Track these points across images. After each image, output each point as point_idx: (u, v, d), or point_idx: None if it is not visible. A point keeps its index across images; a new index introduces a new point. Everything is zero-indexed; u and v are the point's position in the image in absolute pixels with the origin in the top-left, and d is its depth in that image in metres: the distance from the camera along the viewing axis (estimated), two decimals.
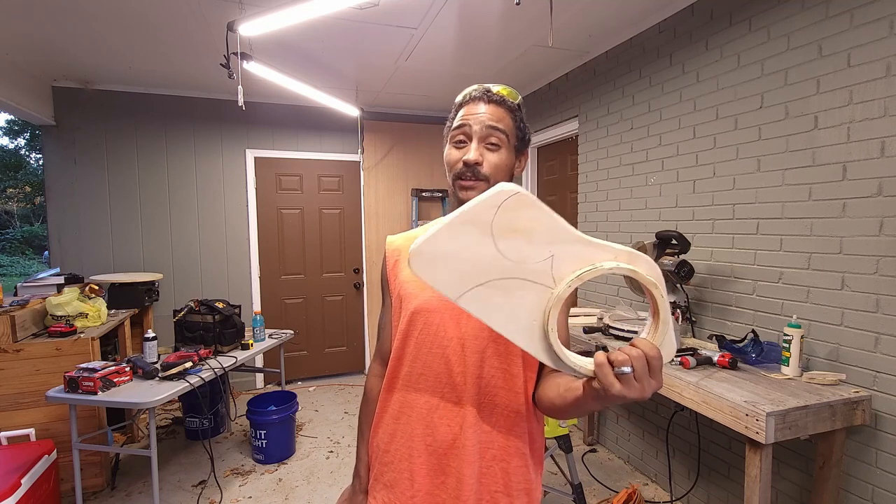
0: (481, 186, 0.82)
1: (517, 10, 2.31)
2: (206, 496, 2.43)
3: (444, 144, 0.89)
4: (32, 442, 2.19)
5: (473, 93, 0.85)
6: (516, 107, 0.86)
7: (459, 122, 0.84)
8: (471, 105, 0.84)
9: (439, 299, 0.84)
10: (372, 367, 1.02)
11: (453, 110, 0.89)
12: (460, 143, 0.84)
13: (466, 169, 0.82)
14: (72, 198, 3.46)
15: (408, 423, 0.85)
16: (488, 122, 0.82)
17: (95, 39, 2.67)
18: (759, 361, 1.78)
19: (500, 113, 0.83)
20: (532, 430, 0.86)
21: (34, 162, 13.59)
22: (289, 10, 1.87)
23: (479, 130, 0.82)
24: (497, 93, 0.85)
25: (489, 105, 0.83)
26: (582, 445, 2.97)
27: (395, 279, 0.93)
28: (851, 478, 1.63)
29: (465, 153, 0.82)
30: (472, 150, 0.82)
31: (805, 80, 1.74)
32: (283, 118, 3.96)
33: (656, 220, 2.46)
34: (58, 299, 2.49)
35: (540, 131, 3.59)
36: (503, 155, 0.84)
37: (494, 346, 0.82)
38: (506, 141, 0.84)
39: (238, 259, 3.90)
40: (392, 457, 0.87)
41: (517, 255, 0.57)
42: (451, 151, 0.85)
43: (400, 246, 0.96)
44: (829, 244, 1.69)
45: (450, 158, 0.85)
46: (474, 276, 0.58)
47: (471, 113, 0.83)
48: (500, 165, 0.83)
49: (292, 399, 2.89)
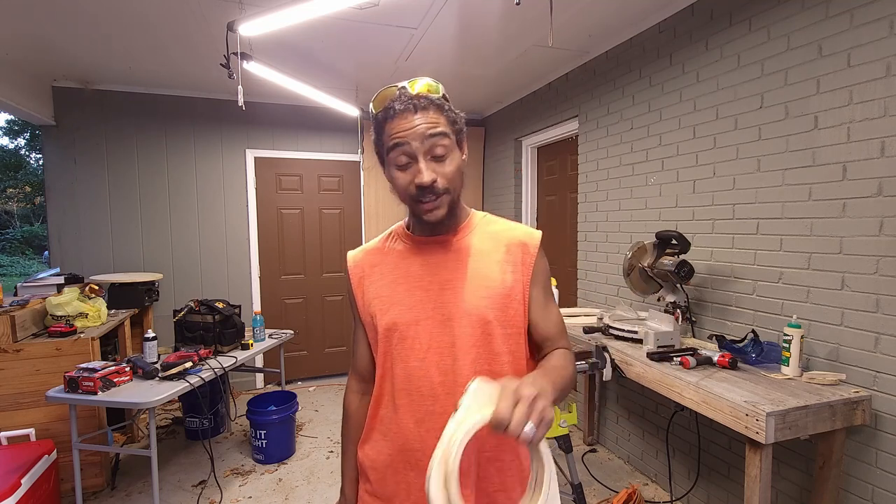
0: (444, 200, 0.79)
1: (517, 10, 2.31)
2: (206, 496, 2.43)
3: (383, 164, 0.81)
4: (32, 442, 2.19)
5: (397, 105, 0.76)
6: (442, 100, 0.80)
7: (395, 142, 0.76)
8: (399, 120, 0.76)
9: (411, 311, 0.83)
10: (349, 383, 1.00)
11: (375, 123, 0.80)
12: (405, 165, 0.77)
13: (424, 191, 0.76)
14: (72, 198, 3.46)
15: (395, 439, 0.84)
16: (428, 133, 0.75)
17: (96, 39, 2.67)
18: (759, 361, 1.78)
19: (433, 116, 0.76)
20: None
21: (34, 162, 13.59)
22: (289, 10, 1.87)
23: (421, 146, 0.75)
24: (421, 94, 0.77)
25: (419, 113, 0.75)
26: (582, 445, 2.97)
27: (362, 297, 0.90)
28: (851, 478, 1.63)
29: (416, 175, 0.76)
30: (423, 171, 0.75)
31: (805, 80, 1.74)
32: (283, 118, 3.96)
33: (656, 220, 2.46)
34: (58, 299, 2.49)
35: (540, 131, 3.59)
36: (453, 159, 0.79)
37: (476, 350, 0.81)
38: (450, 144, 0.78)
39: (238, 259, 3.90)
40: (383, 473, 0.86)
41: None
42: (398, 175, 0.78)
43: (363, 262, 0.92)
44: (829, 244, 1.69)
45: (399, 183, 0.78)
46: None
47: (403, 129, 0.75)
48: (454, 173, 0.79)
49: (292, 399, 2.89)
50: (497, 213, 3.69)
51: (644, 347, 2.01)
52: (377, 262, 0.91)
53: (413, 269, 0.86)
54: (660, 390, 1.79)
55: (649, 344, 1.98)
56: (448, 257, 0.85)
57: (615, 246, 2.78)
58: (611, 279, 2.83)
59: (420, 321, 0.82)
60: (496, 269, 0.84)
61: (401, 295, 0.85)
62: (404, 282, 0.86)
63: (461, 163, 0.82)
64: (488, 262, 0.85)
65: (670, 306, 2.17)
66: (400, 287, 0.86)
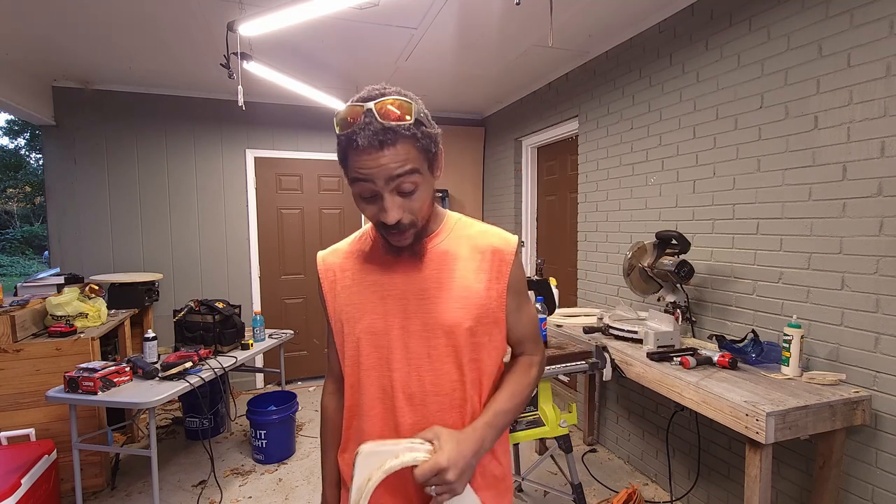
0: (411, 234, 0.76)
1: (517, 10, 2.31)
2: (206, 496, 2.43)
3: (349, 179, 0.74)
4: (32, 442, 2.19)
5: (360, 140, 0.67)
6: (409, 127, 0.69)
7: (360, 177, 0.70)
8: (364, 156, 0.68)
9: (383, 319, 0.81)
10: (326, 385, 0.98)
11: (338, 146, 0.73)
12: (369, 198, 0.72)
13: (388, 227, 0.74)
14: (72, 198, 3.46)
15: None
16: (395, 172, 0.68)
17: (96, 39, 2.67)
18: (759, 361, 1.78)
19: (401, 151, 0.68)
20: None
21: (34, 162, 13.59)
22: (289, 10, 1.87)
23: (386, 185, 0.69)
24: (389, 127, 0.67)
25: (386, 150, 0.67)
26: (582, 445, 2.97)
27: (333, 301, 0.87)
28: (851, 478, 1.63)
29: (381, 212, 0.72)
30: (388, 210, 0.71)
31: (805, 80, 1.74)
32: (283, 118, 3.96)
33: (656, 220, 2.46)
34: (58, 299, 2.49)
35: (540, 131, 3.59)
36: (422, 191, 0.73)
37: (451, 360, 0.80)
38: (419, 180, 0.72)
39: (238, 259, 3.90)
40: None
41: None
42: (363, 205, 0.74)
43: (333, 264, 0.89)
44: (829, 244, 1.69)
45: (368, 214, 0.75)
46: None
47: (368, 167, 0.68)
48: (422, 206, 0.75)
49: (292, 399, 2.89)
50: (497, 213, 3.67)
51: (644, 347, 2.01)
52: (348, 265, 0.87)
53: (386, 275, 0.83)
54: (660, 390, 1.79)
55: (649, 344, 1.98)
56: (422, 264, 0.82)
57: (615, 246, 2.78)
58: (611, 279, 2.83)
59: (393, 330, 0.80)
60: (472, 278, 0.82)
61: (373, 302, 0.82)
62: (377, 288, 0.83)
63: (432, 188, 0.78)
64: (464, 269, 0.82)
65: (670, 306, 2.17)
66: (373, 294, 0.83)
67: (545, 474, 2.63)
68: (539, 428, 1.97)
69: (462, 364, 0.80)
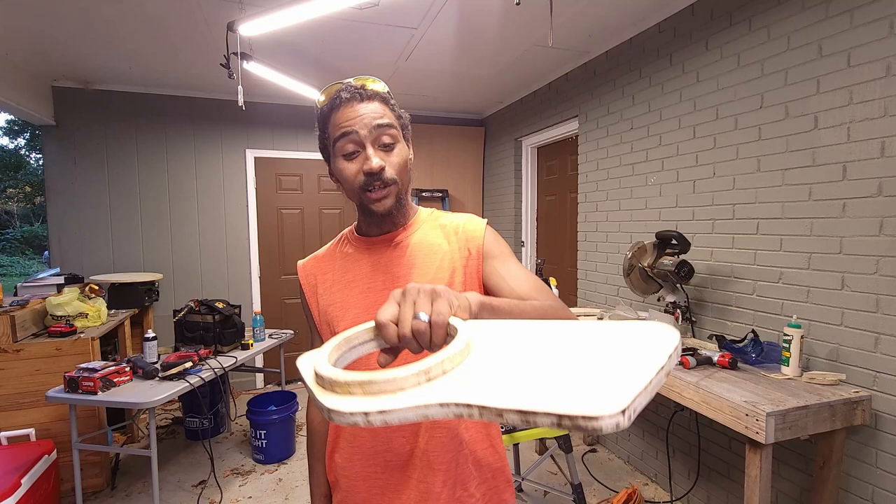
0: (392, 191, 0.78)
1: (517, 10, 2.31)
2: (206, 496, 2.43)
3: (328, 158, 0.81)
4: (32, 442, 2.19)
5: (344, 94, 0.76)
6: (389, 95, 0.80)
7: (343, 131, 0.75)
8: (346, 109, 0.76)
9: (367, 313, 0.81)
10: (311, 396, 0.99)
11: (320, 117, 0.80)
12: (352, 154, 0.76)
13: (372, 179, 0.75)
14: (72, 198, 3.46)
15: (363, 443, 0.83)
16: (375, 121, 0.75)
17: (96, 39, 2.67)
18: (759, 361, 1.78)
19: (380, 108, 0.77)
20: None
21: (34, 162, 13.59)
22: (289, 10, 1.87)
23: (369, 134, 0.75)
24: (367, 87, 0.78)
25: (365, 102, 0.76)
26: (582, 445, 2.97)
27: (316, 305, 0.89)
28: (851, 478, 1.62)
29: (364, 162, 0.75)
30: (371, 157, 0.74)
31: (805, 80, 1.74)
32: (283, 118, 3.96)
33: (656, 220, 2.46)
34: (58, 299, 2.49)
35: (540, 131, 3.59)
36: (401, 150, 0.79)
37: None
38: (397, 135, 0.78)
39: (238, 259, 3.90)
40: (354, 480, 0.85)
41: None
42: (345, 165, 0.77)
43: (314, 271, 0.91)
44: (829, 244, 1.69)
45: (346, 174, 0.77)
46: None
47: (350, 117, 0.75)
48: (402, 163, 0.79)
49: (292, 399, 2.88)
50: (497, 213, 3.67)
51: None
52: (328, 268, 0.89)
53: (364, 269, 0.85)
54: (660, 390, 1.79)
55: None
56: (397, 254, 0.84)
57: (615, 246, 2.78)
58: (611, 279, 2.83)
59: None
60: (446, 263, 0.82)
61: (355, 298, 0.84)
62: (358, 284, 0.84)
63: (408, 157, 0.82)
64: (438, 255, 0.83)
65: (670, 306, 2.17)
66: (354, 290, 0.84)
67: (545, 474, 2.63)
68: (539, 428, 1.96)
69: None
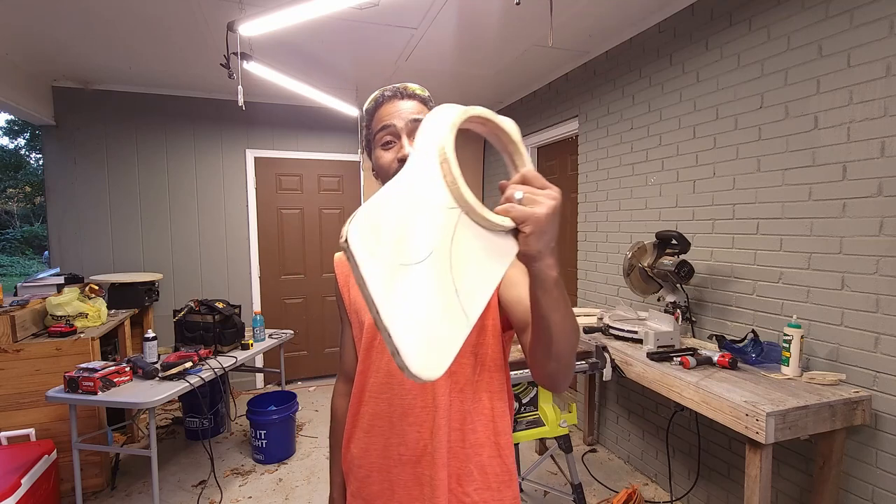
0: None
1: (517, 10, 2.30)
2: (206, 496, 2.43)
3: (370, 152, 0.87)
4: (32, 442, 2.19)
5: (386, 93, 0.83)
6: (429, 99, 0.85)
7: (382, 124, 0.82)
8: (387, 105, 0.82)
9: None
10: (336, 386, 1.02)
11: (366, 116, 0.87)
12: (388, 143, 0.81)
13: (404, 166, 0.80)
14: (72, 198, 3.46)
15: (380, 434, 0.84)
16: (412, 115, 0.80)
17: (96, 39, 2.67)
18: (759, 361, 1.78)
19: (419, 106, 0.83)
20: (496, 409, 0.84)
21: (34, 162, 13.59)
22: (289, 10, 1.87)
23: (406, 126, 0.80)
24: (408, 88, 0.84)
25: (405, 100, 0.82)
26: (582, 445, 2.97)
27: (347, 294, 0.93)
28: (851, 478, 1.62)
29: (399, 151, 0.80)
30: (405, 145, 0.79)
31: (805, 80, 1.74)
32: (283, 118, 3.96)
33: (656, 220, 2.46)
34: (58, 299, 2.49)
35: (540, 131, 3.59)
36: None
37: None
38: None
39: (238, 259, 3.90)
40: (368, 471, 0.85)
41: (426, 245, 0.49)
42: (383, 155, 0.82)
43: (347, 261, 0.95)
44: (829, 244, 1.69)
45: (382, 161, 0.82)
46: (447, 298, 0.49)
47: (390, 112, 0.81)
48: None
49: (292, 399, 2.89)
50: None
51: (644, 347, 2.01)
52: None
53: None
54: (660, 390, 1.79)
55: (649, 344, 1.98)
56: None
57: (615, 246, 2.78)
58: (611, 279, 2.83)
59: None
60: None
61: None
62: None
63: None
64: None
65: (670, 306, 2.17)
66: None
67: (545, 474, 2.63)
68: (539, 428, 1.97)
69: (473, 345, 0.82)
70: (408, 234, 0.48)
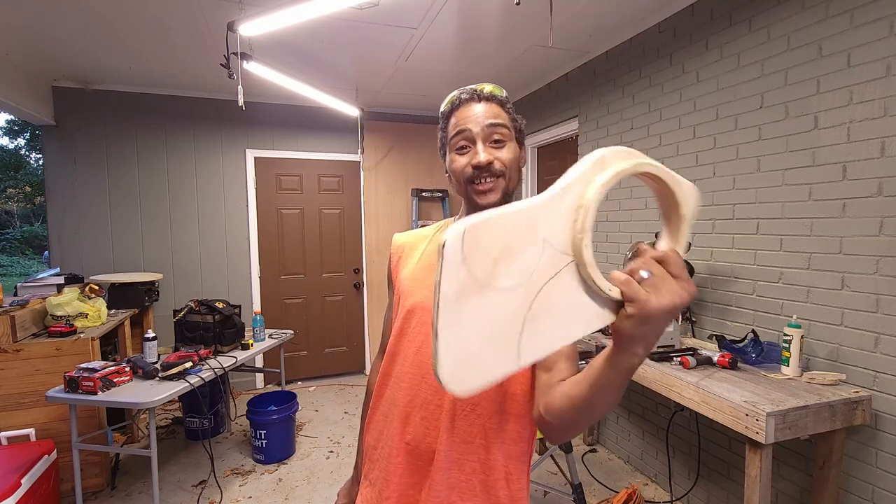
0: (500, 185, 0.80)
1: (517, 10, 2.31)
2: (206, 496, 2.43)
3: (445, 155, 0.86)
4: (32, 442, 2.19)
5: (463, 96, 0.83)
6: (506, 100, 0.84)
7: (458, 129, 0.81)
8: (463, 108, 0.82)
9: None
10: (374, 363, 1.03)
11: (442, 119, 0.86)
12: (463, 148, 0.81)
13: (479, 172, 0.79)
14: (72, 198, 3.46)
15: (393, 421, 0.84)
16: (487, 120, 0.79)
17: (96, 39, 2.67)
18: (759, 361, 1.78)
19: (495, 109, 0.81)
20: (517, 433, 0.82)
21: (34, 162, 13.59)
22: (289, 10, 1.87)
23: (481, 131, 0.79)
24: (483, 90, 0.83)
25: (482, 103, 0.81)
26: (582, 445, 2.97)
27: (397, 276, 0.93)
28: (851, 478, 1.63)
29: (473, 157, 0.79)
30: (480, 151, 0.78)
31: (805, 80, 1.74)
32: (283, 118, 3.96)
33: (656, 220, 2.46)
34: (58, 299, 2.49)
35: (540, 131, 3.59)
36: (511, 149, 0.81)
37: None
38: (509, 134, 0.81)
39: (238, 259, 3.90)
40: (378, 454, 0.87)
41: (518, 276, 0.47)
42: (457, 159, 0.82)
43: (405, 243, 0.96)
44: (829, 244, 1.69)
45: (456, 166, 0.81)
46: (509, 333, 0.47)
47: (465, 115, 0.81)
48: (511, 160, 0.81)
49: (292, 399, 2.89)
50: None
51: None
52: (418, 245, 0.94)
53: None
54: (660, 390, 1.79)
55: None
56: None
57: (615, 246, 2.78)
58: None
59: None
60: None
61: (429, 281, 0.85)
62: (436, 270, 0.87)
63: (519, 158, 0.83)
64: None
65: None
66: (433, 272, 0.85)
67: (545, 474, 2.63)
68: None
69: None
70: (507, 259, 0.47)
